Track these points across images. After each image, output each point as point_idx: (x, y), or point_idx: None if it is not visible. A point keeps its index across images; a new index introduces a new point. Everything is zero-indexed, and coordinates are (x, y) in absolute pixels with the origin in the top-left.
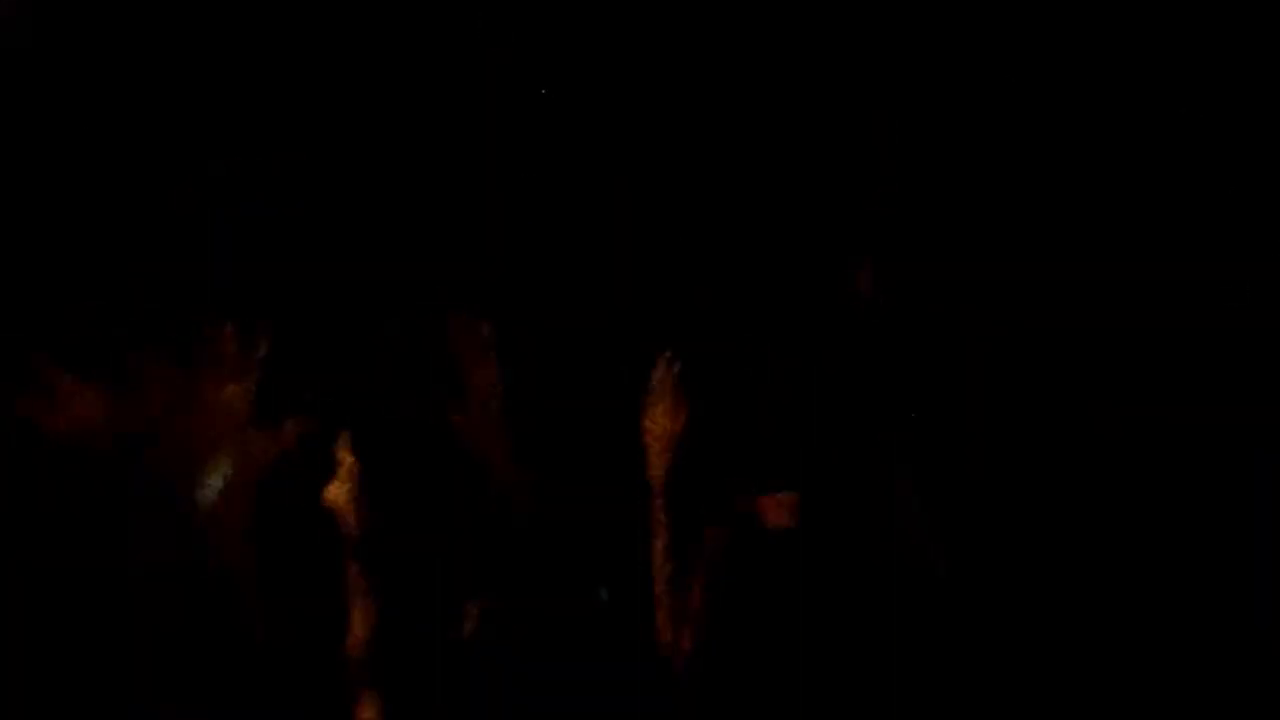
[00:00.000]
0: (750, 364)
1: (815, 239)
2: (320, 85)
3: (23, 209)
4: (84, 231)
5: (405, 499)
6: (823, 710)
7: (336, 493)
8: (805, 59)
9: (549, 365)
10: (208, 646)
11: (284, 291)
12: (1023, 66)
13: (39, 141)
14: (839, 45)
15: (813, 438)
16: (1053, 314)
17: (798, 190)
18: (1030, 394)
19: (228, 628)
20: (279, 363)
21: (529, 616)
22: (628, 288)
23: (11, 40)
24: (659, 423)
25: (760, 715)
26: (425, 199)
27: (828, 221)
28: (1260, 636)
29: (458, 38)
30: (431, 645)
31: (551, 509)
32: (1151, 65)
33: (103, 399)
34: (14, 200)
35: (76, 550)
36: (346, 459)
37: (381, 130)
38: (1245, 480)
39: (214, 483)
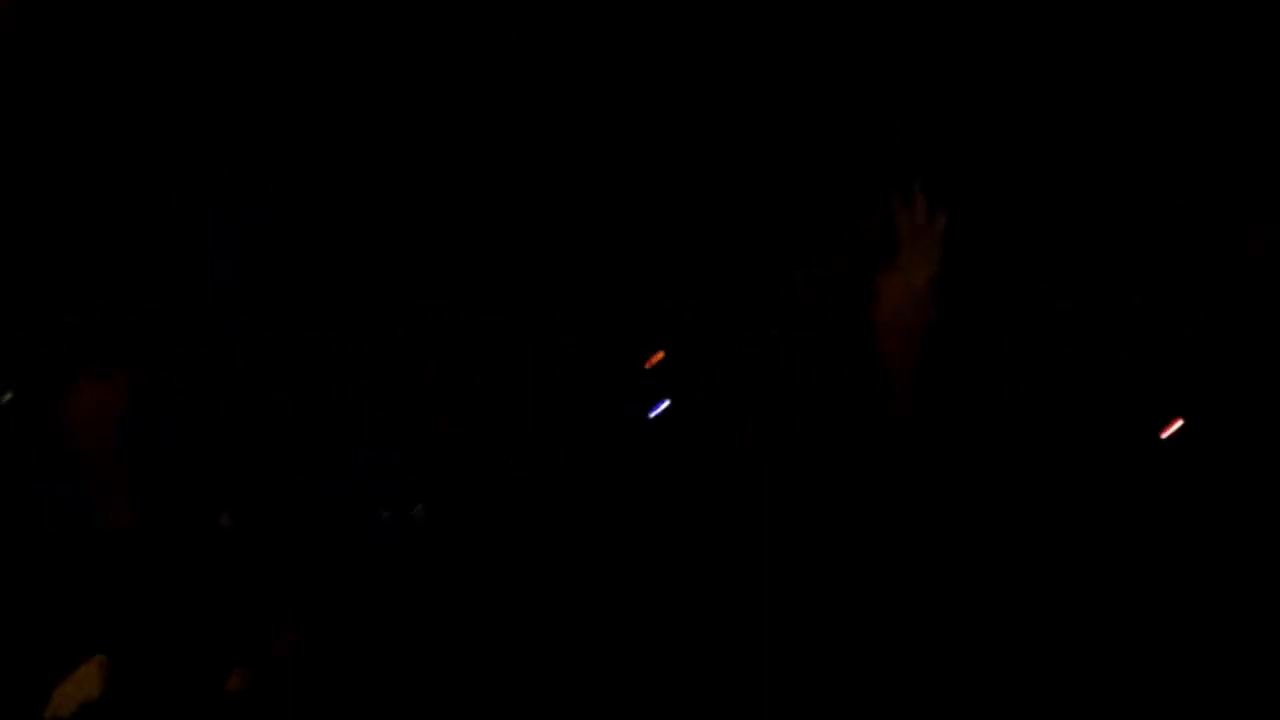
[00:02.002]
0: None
1: (814, 239)
2: (320, 85)
3: (24, 209)
4: (84, 231)
5: None
6: None
7: None
8: (805, 59)
9: None
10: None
11: (284, 291)
12: (1022, 68)
13: (40, 142)
14: (839, 45)
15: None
16: (1053, 314)
17: (797, 190)
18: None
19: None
20: None
21: None
22: (628, 288)
23: (12, 41)
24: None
25: None
26: (425, 198)
27: (827, 222)
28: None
29: (458, 38)
30: None
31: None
32: (1151, 67)
33: None
34: (15, 200)
35: None
36: None
37: (381, 130)
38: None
39: None
